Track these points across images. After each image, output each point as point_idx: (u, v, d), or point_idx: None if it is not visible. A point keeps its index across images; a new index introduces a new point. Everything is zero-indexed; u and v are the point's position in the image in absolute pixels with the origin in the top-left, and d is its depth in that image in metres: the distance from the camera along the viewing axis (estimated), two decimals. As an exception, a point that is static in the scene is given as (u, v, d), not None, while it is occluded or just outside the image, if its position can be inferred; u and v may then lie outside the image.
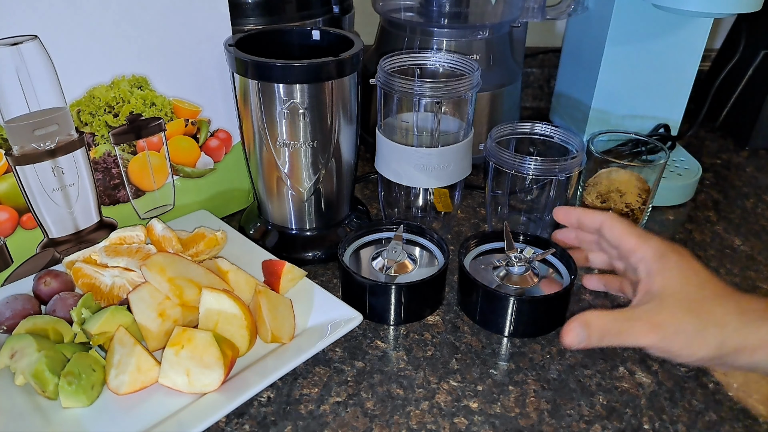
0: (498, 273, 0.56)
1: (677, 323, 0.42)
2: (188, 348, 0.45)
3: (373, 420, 0.46)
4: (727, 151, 0.91)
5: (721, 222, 0.72)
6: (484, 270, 0.57)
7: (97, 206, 0.60)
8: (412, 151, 0.60)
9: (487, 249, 0.60)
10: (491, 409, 0.47)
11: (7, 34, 0.49)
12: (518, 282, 0.55)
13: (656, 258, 0.46)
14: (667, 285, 0.44)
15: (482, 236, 0.60)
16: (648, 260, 0.46)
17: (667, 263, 0.45)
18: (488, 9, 0.79)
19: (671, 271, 0.45)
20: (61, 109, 0.54)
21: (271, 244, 0.64)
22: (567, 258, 0.56)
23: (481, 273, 0.57)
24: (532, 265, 0.57)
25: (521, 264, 0.55)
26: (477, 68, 0.60)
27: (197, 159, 0.66)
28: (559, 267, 0.58)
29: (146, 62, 0.58)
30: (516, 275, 0.56)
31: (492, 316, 0.53)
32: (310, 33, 0.62)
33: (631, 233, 0.48)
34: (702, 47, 0.76)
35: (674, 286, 0.44)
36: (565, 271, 0.57)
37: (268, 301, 0.51)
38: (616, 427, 0.46)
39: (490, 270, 0.57)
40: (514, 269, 0.56)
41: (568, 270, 0.56)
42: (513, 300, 0.52)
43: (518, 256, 0.56)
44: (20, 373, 0.45)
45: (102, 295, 0.53)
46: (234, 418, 0.46)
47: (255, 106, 0.56)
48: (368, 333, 0.54)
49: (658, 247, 0.46)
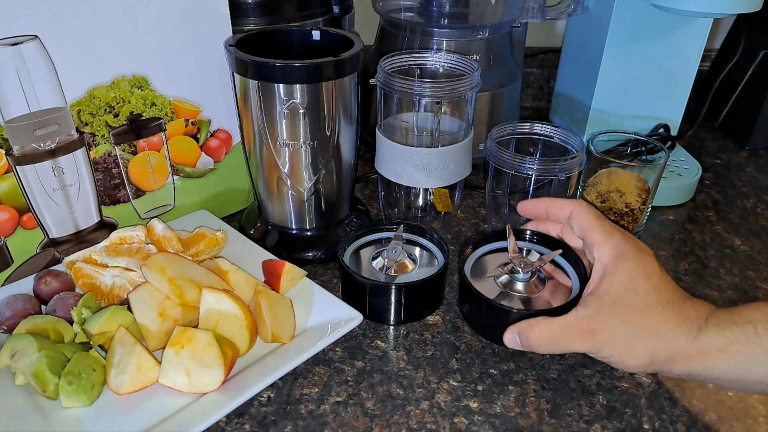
0: (501, 280, 0.54)
1: (610, 331, 0.43)
2: (188, 348, 0.45)
3: (373, 420, 0.46)
4: (727, 151, 0.91)
5: (721, 222, 0.72)
6: (486, 276, 0.54)
7: (97, 206, 0.61)
8: (412, 151, 0.60)
9: (490, 249, 0.58)
10: (491, 409, 0.47)
11: (7, 34, 0.49)
12: (523, 290, 0.53)
13: (612, 259, 0.45)
14: (610, 290, 0.44)
15: (483, 237, 0.58)
16: (604, 259, 0.45)
17: (620, 266, 0.44)
18: (488, 9, 0.79)
19: (620, 275, 0.44)
20: (62, 109, 0.54)
21: (272, 244, 0.64)
22: (575, 258, 0.53)
23: (483, 279, 0.54)
24: (537, 269, 0.53)
25: (526, 270, 0.52)
26: (477, 68, 0.60)
27: (197, 159, 0.66)
28: (565, 266, 0.55)
29: (146, 62, 0.58)
30: (520, 282, 0.53)
31: (496, 329, 0.49)
32: (310, 33, 0.62)
33: (597, 227, 0.47)
34: (702, 47, 0.76)
35: (617, 292, 0.43)
36: (572, 272, 0.54)
37: (268, 301, 0.51)
38: (616, 427, 0.46)
39: (491, 277, 0.54)
40: (519, 276, 0.53)
41: (576, 272, 0.53)
42: (516, 314, 0.49)
43: (523, 261, 0.53)
44: (20, 373, 0.45)
45: (102, 295, 0.53)
46: (234, 418, 0.46)
47: (255, 106, 0.56)
48: (368, 333, 0.54)
49: (617, 246, 0.45)
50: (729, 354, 0.40)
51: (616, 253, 0.45)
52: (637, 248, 0.45)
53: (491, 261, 0.57)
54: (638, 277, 0.44)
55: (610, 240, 0.46)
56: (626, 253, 0.45)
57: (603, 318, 0.43)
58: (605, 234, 0.46)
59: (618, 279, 0.44)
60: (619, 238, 0.46)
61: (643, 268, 0.44)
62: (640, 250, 0.45)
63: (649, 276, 0.44)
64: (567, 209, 0.50)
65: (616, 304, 0.43)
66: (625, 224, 0.64)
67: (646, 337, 0.42)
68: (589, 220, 0.48)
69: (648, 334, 0.42)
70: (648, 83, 0.78)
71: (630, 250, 0.45)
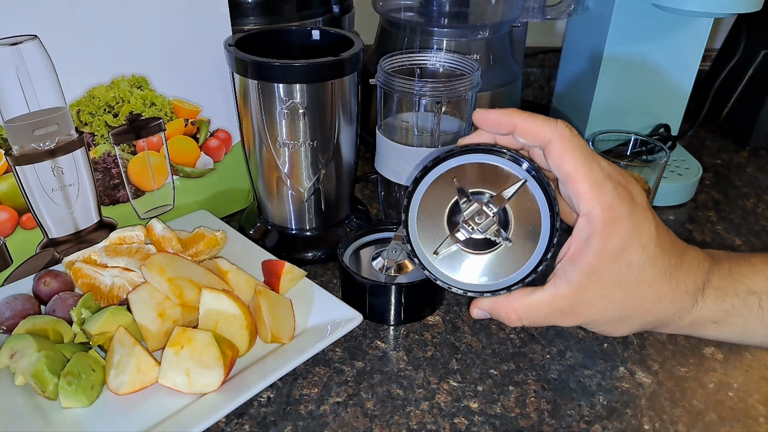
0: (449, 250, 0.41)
1: (597, 313, 0.38)
2: (188, 348, 0.45)
3: (373, 420, 0.46)
4: (728, 151, 0.91)
5: (722, 222, 0.72)
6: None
7: (96, 206, 0.60)
8: (412, 151, 0.60)
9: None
10: (491, 409, 0.47)
11: (7, 34, 0.49)
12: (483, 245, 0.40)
13: (603, 223, 0.36)
14: (598, 266, 0.37)
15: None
16: (593, 222, 0.36)
17: (611, 234, 0.36)
18: (488, 9, 0.79)
19: (611, 244, 0.36)
20: (61, 109, 0.54)
21: (271, 244, 0.64)
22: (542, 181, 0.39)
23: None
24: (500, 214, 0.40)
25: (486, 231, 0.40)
26: (477, 68, 0.60)
27: (197, 159, 0.66)
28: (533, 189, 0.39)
29: (146, 62, 0.58)
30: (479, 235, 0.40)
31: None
32: (310, 33, 0.62)
33: (585, 174, 0.36)
34: (702, 47, 0.76)
35: (605, 267, 0.37)
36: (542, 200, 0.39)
37: (268, 301, 0.51)
38: (616, 427, 0.45)
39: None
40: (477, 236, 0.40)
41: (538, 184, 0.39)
42: None
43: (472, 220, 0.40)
44: (20, 373, 0.45)
45: (102, 295, 0.53)
46: (234, 418, 0.46)
47: (255, 106, 0.56)
48: (368, 333, 0.54)
49: (611, 207, 0.36)
50: (725, 325, 0.39)
51: (608, 216, 0.36)
52: (633, 206, 0.37)
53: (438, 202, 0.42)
54: (632, 248, 0.37)
55: (601, 197, 0.36)
56: (620, 216, 0.36)
57: (589, 300, 0.38)
58: (595, 186, 0.36)
59: (608, 250, 0.36)
60: (612, 195, 0.36)
61: (639, 236, 0.37)
62: (637, 207, 0.37)
63: (644, 245, 0.37)
64: (545, 135, 0.37)
65: (604, 282, 0.37)
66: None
67: (638, 316, 0.39)
68: (576, 163, 0.36)
69: (639, 313, 0.38)
70: (648, 83, 0.78)
71: (625, 212, 0.36)
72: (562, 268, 0.38)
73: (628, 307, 0.38)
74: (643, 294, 0.38)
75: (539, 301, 0.39)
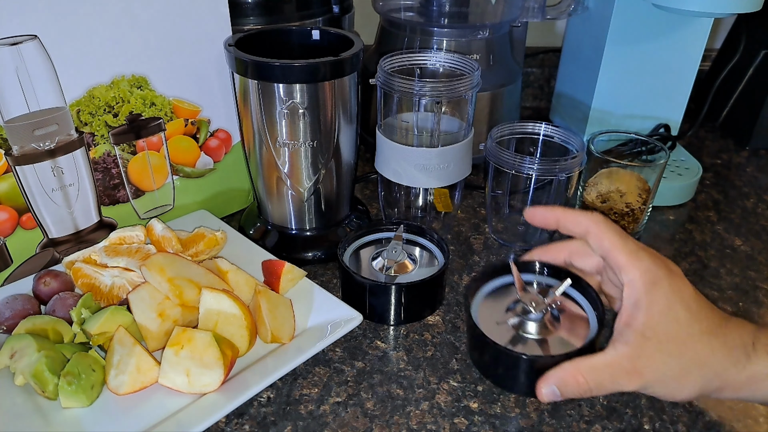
0: (512, 322, 0.48)
1: (658, 368, 0.40)
2: (188, 348, 0.45)
3: (373, 420, 0.46)
4: (728, 151, 0.91)
5: (722, 222, 0.72)
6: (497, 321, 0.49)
7: (96, 206, 0.60)
8: (412, 151, 0.60)
9: (496, 287, 0.52)
10: (491, 409, 0.47)
11: (7, 34, 0.49)
12: (537, 331, 0.47)
13: (646, 287, 0.41)
14: (649, 323, 0.40)
15: (486, 274, 0.52)
16: (637, 286, 0.41)
17: (655, 295, 0.41)
18: (488, 9, 0.79)
19: (657, 304, 0.40)
20: (61, 109, 0.54)
21: (271, 244, 0.64)
22: (585, 286, 0.49)
23: (493, 323, 0.48)
24: (550, 306, 0.48)
25: (538, 309, 0.47)
26: (477, 68, 0.60)
27: (197, 159, 0.66)
28: (574, 295, 0.50)
29: (146, 62, 0.58)
30: (533, 322, 0.47)
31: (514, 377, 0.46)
32: (310, 33, 0.62)
33: (622, 248, 0.42)
34: (702, 47, 0.76)
35: (657, 324, 0.40)
36: (583, 301, 0.49)
37: (268, 301, 0.51)
38: (616, 427, 0.45)
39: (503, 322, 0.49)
40: (531, 315, 0.47)
41: (588, 301, 0.49)
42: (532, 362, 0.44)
43: (533, 300, 0.48)
44: (20, 373, 0.45)
45: (102, 295, 0.53)
46: (234, 418, 0.46)
47: (255, 106, 0.56)
48: (368, 333, 0.54)
49: (649, 271, 0.41)
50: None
51: (649, 279, 0.41)
52: (669, 271, 0.42)
53: (499, 300, 0.51)
54: (676, 305, 0.40)
55: (639, 263, 0.41)
56: (659, 279, 0.41)
57: (648, 355, 0.40)
58: (632, 256, 0.42)
59: (656, 309, 0.40)
60: (648, 261, 0.41)
61: (680, 295, 0.41)
62: (672, 272, 0.42)
63: (687, 304, 0.41)
64: (582, 225, 0.45)
65: (659, 337, 0.40)
66: (626, 224, 0.64)
67: (696, 370, 0.40)
68: (612, 240, 0.43)
69: (696, 366, 0.40)
70: (648, 83, 0.78)
71: (662, 275, 0.41)
72: (619, 333, 0.42)
73: (685, 360, 0.40)
74: (696, 347, 0.40)
75: (603, 363, 0.41)
